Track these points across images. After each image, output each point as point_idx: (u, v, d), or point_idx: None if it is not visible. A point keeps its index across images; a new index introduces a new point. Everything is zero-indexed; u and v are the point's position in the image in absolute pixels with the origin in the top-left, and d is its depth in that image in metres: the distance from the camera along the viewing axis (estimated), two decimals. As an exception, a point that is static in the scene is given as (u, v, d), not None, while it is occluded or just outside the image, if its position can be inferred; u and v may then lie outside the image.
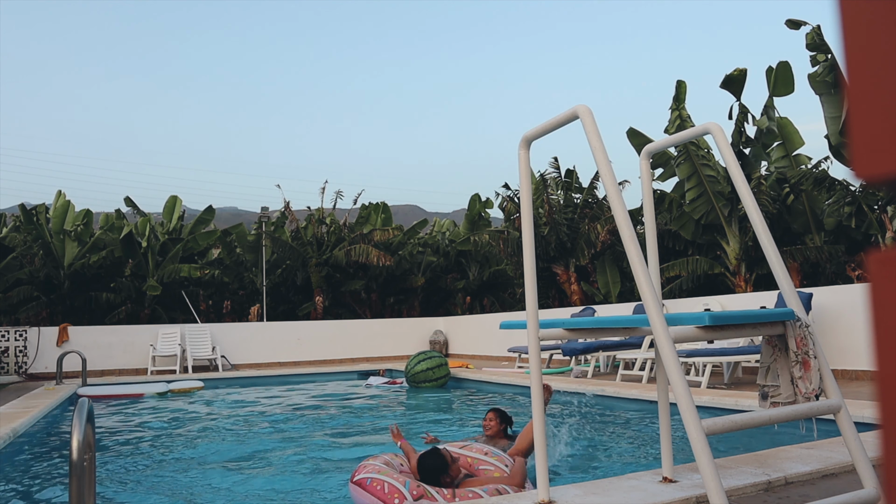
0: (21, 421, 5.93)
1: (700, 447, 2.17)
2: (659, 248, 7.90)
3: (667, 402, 3.08)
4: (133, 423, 7.08)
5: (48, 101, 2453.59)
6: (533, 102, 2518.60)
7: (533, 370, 2.86)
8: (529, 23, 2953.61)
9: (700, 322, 2.47)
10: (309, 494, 3.95)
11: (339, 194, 20.02)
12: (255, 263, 19.45)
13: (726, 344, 7.65)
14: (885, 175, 0.42)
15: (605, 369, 10.22)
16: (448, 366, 10.03)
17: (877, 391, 0.42)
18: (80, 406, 2.16)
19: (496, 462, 3.69)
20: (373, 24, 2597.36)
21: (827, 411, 2.52)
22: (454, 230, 22.92)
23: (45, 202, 19.19)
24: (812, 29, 11.05)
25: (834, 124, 11.15)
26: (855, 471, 2.57)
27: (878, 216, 11.62)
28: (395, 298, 20.49)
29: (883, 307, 0.42)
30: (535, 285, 2.89)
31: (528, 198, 3.02)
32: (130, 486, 4.26)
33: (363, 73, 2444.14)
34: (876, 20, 0.43)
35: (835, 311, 7.65)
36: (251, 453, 5.28)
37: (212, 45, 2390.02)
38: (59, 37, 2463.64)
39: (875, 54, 0.43)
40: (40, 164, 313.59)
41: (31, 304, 17.09)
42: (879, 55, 0.43)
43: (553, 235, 15.78)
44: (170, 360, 13.48)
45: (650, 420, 5.83)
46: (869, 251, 0.45)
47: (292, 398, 9.28)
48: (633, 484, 2.98)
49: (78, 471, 2.01)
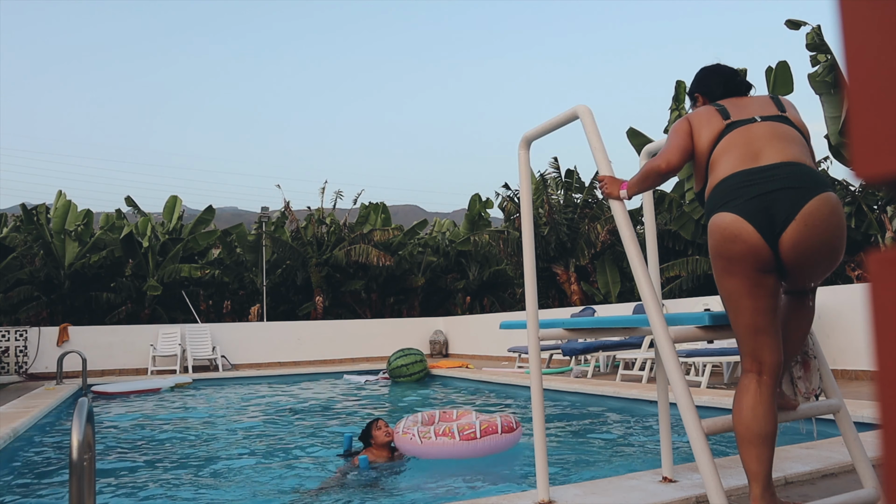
0: (21, 421, 5.93)
1: (700, 447, 2.17)
2: (659, 248, 7.90)
3: (667, 402, 3.08)
4: (133, 423, 7.08)
5: (49, 101, 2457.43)
6: (533, 102, 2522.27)
7: (533, 370, 2.86)
8: (529, 23, 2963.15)
9: (700, 322, 2.47)
10: (307, 491, 3.95)
11: (339, 194, 20.03)
12: (256, 263, 19.46)
13: (726, 344, 7.65)
14: (885, 175, 0.42)
15: (605, 369, 10.22)
16: (425, 362, 10.74)
17: (877, 391, 0.42)
18: (80, 406, 2.16)
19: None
20: (373, 24, 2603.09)
21: (827, 411, 2.52)
22: (454, 230, 22.92)
23: (45, 202, 19.20)
24: (812, 29, 11.05)
25: (834, 124, 11.15)
26: (855, 471, 2.57)
27: (878, 216, 11.62)
28: (395, 298, 20.49)
29: (883, 307, 0.42)
30: (535, 285, 2.90)
31: (528, 198, 3.02)
32: (131, 486, 4.26)
33: (363, 73, 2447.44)
34: (876, 20, 0.43)
35: (835, 311, 7.65)
36: (251, 453, 5.28)
37: (212, 45, 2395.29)
38: (60, 37, 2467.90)
39: (875, 54, 0.43)
40: (41, 164, 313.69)
41: (32, 303, 17.09)
42: (879, 55, 0.43)
43: (553, 235, 15.78)
44: (170, 359, 13.48)
45: (650, 420, 5.83)
46: (869, 251, 0.45)
47: (292, 398, 9.28)
48: (633, 484, 2.98)
49: (78, 471, 2.01)
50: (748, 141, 2.24)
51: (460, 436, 4.34)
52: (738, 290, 2.19)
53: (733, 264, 2.17)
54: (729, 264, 2.19)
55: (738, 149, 2.24)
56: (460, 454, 4.35)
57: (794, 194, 2.09)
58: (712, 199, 2.26)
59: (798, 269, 2.16)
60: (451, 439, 4.33)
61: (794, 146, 2.22)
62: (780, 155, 2.18)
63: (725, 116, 2.33)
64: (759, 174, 2.16)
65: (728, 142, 2.27)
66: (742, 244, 2.13)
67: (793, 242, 2.08)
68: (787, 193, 2.09)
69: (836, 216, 2.10)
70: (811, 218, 2.06)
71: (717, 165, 2.28)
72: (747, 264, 2.15)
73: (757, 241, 2.11)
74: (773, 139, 2.23)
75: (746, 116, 2.31)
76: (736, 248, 2.14)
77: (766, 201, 2.10)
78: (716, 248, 2.22)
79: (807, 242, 2.08)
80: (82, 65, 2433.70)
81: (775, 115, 2.32)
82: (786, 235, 2.08)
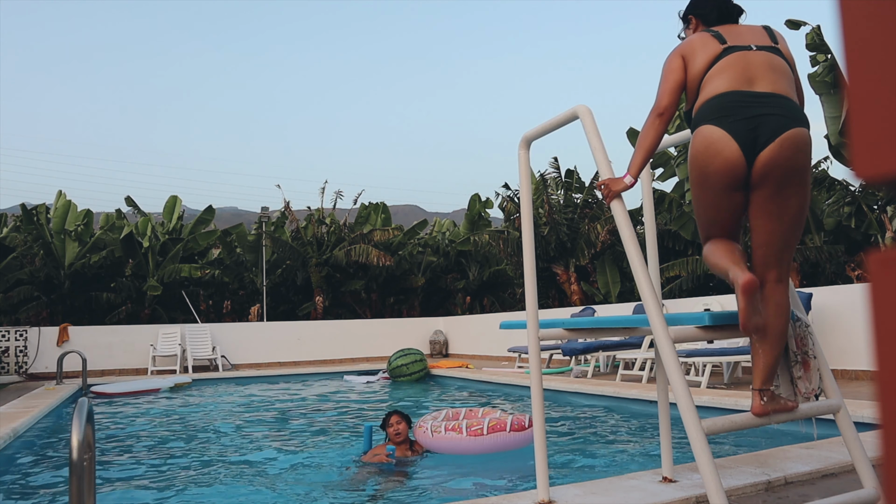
0: (21, 421, 5.93)
1: (700, 447, 2.17)
2: (659, 248, 7.90)
3: (667, 402, 3.07)
4: (134, 423, 7.08)
5: (49, 100, 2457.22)
6: (533, 102, 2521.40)
7: (533, 370, 2.86)
8: (530, 23, 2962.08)
9: (700, 322, 2.46)
10: (309, 492, 3.95)
11: (339, 194, 20.03)
12: (256, 263, 19.46)
13: (726, 344, 7.65)
14: (885, 175, 0.42)
15: (605, 369, 10.22)
16: (425, 362, 10.80)
17: (877, 391, 0.42)
18: (80, 406, 2.16)
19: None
20: (374, 25, 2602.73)
21: (827, 411, 2.52)
22: (454, 230, 22.92)
23: (45, 202, 19.20)
24: (812, 29, 11.05)
25: (834, 124, 11.15)
26: (855, 471, 2.57)
27: (878, 216, 11.62)
28: (395, 298, 20.49)
29: (883, 307, 0.42)
30: (535, 285, 2.89)
31: (528, 198, 3.02)
32: (131, 486, 4.26)
33: (364, 73, 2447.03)
34: (876, 20, 0.43)
35: (835, 311, 7.65)
36: (251, 453, 5.28)
37: (213, 46, 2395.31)
38: (60, 37, 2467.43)
39: (875, 54, 0.43)
40: (41, 164, 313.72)
41: (32, 304, 17.09)
42: (879, 55, 0.43)
43: (553, 235, 15.78)
44: (170, 359, 13.48)
45: (650, 420, 5.83)
46: (869, 251, 0.45)
47: (292, 398, 9.28)
48: (633, 484, 2.98)
49: (78, 471, 2.01)
50: (745, 66, 2.38)
51: (467, 431, 4.43)
52: (709, 200, 2.42)
53: (708, 177, 2.37)
54: (704, 177, 2.38)
55: (735, 71, 2.38)
56: (466, 450, 4.43)
57: (780, 121, 2.28)
58: (704, 110, 2.39)
59: (764, 188, 2.32)
60: (459, 434, 4.44)
61: (785, 80, 2.39)
62: (772, 86, 2.35)
63: (722, 41, 2.45)
64: (752, 98, 2.32)
65: (725, 63, 2.40)
66: (723, 161, 2.31)
67: (766, 160, 2.27)
68: (774, 119, 2.28)
69: (807, 147, 2.32)
70: (788, 142, 2.27)
71: (712, 82, 2.41)
72: (722, 178, 2.33)
73: (737, 158, 2.29)
74: (768, 70, 2.38)
75: (743, 43, 2.45)
76: (716, 162, 2.32)
77: (754, 123, 2.28)
78: (697, 157, 2.39)
79: (777, 161, 2.27)
80: (83, 65, 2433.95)
81: (769, 45, 2.46)
82: (763, 154, 2.27)
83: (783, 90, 2.36)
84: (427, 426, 4.67)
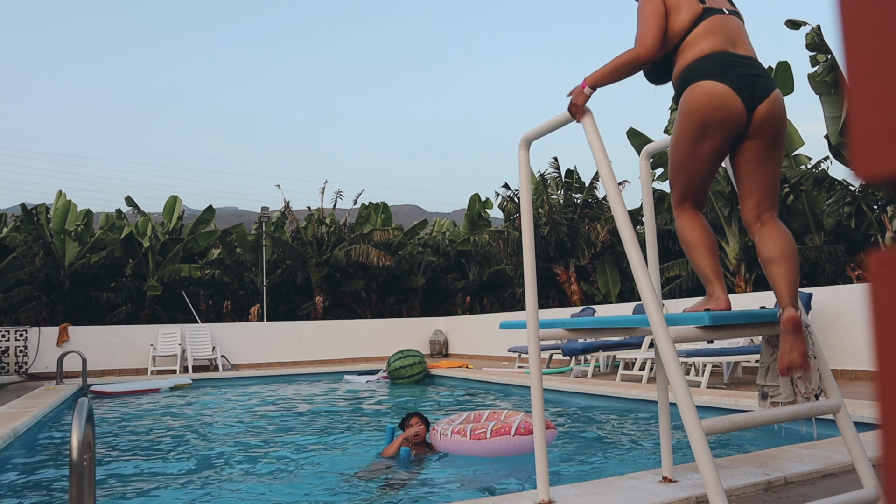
0: (21, 421, 5.93)
1: (700, 447, 2.16)
2: (659, 248, 7.89)
3: (667, 402, 3.07)
4: (133, 423, 7.08)
5: (49, 100, 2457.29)
6: (533, 102, 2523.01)
7: (533, 370, 2.86)
8: (529, 24, 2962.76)
9: (700, 322, 2.46)
10: (309, 492, 3.95)
11: (339, 194, 20.03)
12: (256, 263, 19.46)
13: (726, 344, 7.65)
14: (885, 175, 0.42)
15: (605, 369, 10.22)
16: (424, 364, 10.73)
17: (877, 391, 0.42)
18: (80, 406, 2.16)
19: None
20: (374, 25, 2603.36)
21: (827, 411, 2.52)
22: (454, 230, 22.92)
23: (45, 202, 19.20)
24: (812, 29, 11.05)
25: (834, 124, 11.15)
26: (855, 471, 2.57)
27: (878, 216, 11.62)
28: (395, 298, 20.49)
29: (883, 307, 0.42)
30: (535, 285, 2.89)
31: (528, 198, 3.02)
32: (131, 486, 4.26)
33: (365, 73, 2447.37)
34: (876, 20, 0.43)
35: (835, 311, 7.65)
36: (251, 453, 5.28)
37: (213, 46, 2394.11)
38: (61, 37, 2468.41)
39: (875, 54, 0.43)
40: (41, 164, 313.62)
41: (32, 304, 17.09)
42: (879, 55, 0.43)
43: (553, 235, 15.78)
44: (170, 360, 13.48)
45: (650, 420, 5.83)
46: (869, 251, 0.45)
47: (292, 398, 9.28)
48: (632, 484, 2.98)
49: (78, 471, 2.01)
50: (728, 29, 2.54)
51: (471, 435, 4.47)
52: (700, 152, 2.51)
53: (710, 129, 2.46)
54: (704, 128, 2.46)
55: (721, 33, 2.52)
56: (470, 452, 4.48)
57: (766, 81, 2.49)
58: (699, 67, 2.48)
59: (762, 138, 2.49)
60: (463, 437, 4.49)
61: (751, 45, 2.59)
62: (747, 49, 2.54)
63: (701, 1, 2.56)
64: (741, 59, 2.49)
65: (711, 24, 2.53)
66: (727, 111, 2.44)
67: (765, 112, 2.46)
68: (762, 80, 2.47)
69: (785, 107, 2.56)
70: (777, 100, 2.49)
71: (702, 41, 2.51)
72: (725, 130, 2.46)
73: (740, 110, 2.44)
74: (742, 34, 2.57)
75: (717, 6, 2.58)
76: (720, 114, 2.44)
77: (750, 81, 2.45)
78: (699, 110, 2.46)
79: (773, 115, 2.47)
80: (83, 65, 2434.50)
81: (734, 10, 2.63)
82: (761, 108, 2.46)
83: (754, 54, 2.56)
84: (438, 428, 4.74)
